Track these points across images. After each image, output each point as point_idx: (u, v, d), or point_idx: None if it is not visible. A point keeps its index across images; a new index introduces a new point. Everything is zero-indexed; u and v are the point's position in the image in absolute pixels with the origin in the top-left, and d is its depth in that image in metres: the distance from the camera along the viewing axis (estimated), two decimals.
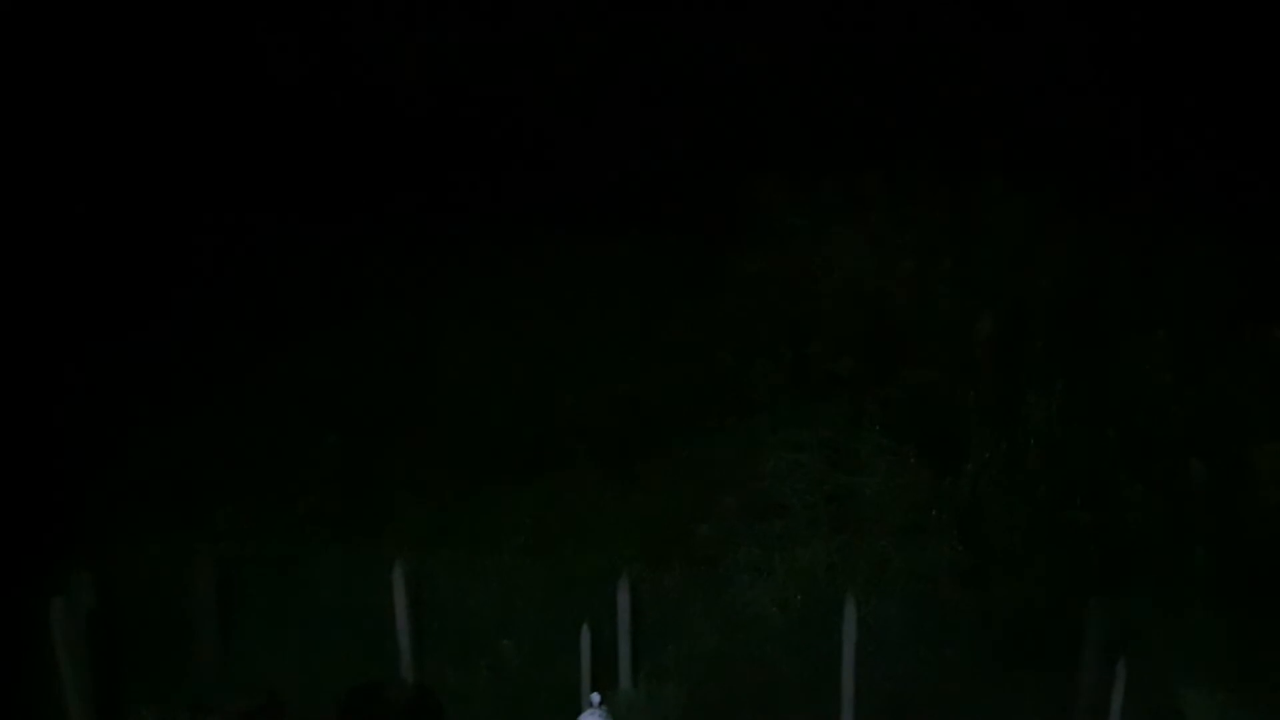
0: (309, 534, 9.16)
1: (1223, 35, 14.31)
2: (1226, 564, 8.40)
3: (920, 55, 15.09)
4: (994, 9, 15.41)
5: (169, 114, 14.06)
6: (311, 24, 15.52)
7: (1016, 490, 9.13)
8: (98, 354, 10.74)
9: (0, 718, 7.87)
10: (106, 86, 13.82)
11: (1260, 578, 8.36)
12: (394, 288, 12.38)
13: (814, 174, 13.49)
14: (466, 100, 14.91)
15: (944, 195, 13.01)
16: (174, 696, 7.83)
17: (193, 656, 8.15)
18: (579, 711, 7.20)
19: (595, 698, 7.25)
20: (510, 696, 8.14)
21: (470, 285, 12.41)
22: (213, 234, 12.53)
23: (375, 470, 9.94)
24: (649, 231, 12.91)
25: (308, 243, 12.58)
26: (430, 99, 14.87)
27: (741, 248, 12.73)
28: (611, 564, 8.50)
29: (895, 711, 7.82)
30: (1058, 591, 8.28)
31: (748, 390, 10.55)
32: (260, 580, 8.67)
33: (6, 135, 12.18)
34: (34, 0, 13.46)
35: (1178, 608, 8.08)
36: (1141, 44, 14.63)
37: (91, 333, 11.00)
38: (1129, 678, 7.33)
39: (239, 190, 13.17)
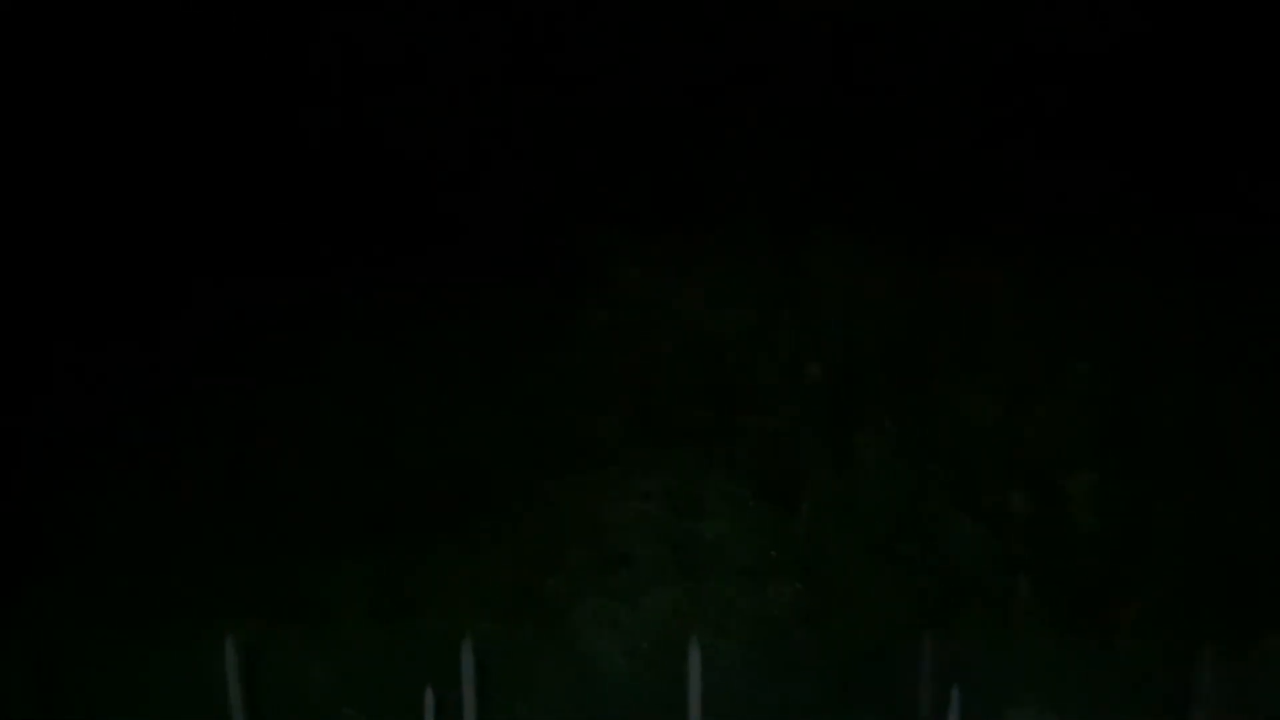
0: (130, 612, 8.75)
1: (1046, 81, 15.29)
2: (1047, 589, 8.83)
3: (752, 111, 15.66)
4: (822, 64, 16.15)
5: None
6: None
7: (851, 528, 9.42)
8: None
9: None
10: None
11: (1079, 601, 8.81)
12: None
13: (654, 226, 13.77)
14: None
15: (778, 246, 13.44)
16: None
17: None
18: None
19: None
20: None
21: (300, 341, 12.17)
22: None
23: (202, 540, 9.60)
24: (490, 285, 12.94)
25: None
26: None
27: (583, 300, 12.85)
28: (457, 624, 8.39)
29: None
30: (893, 624, 8.55)
31: (591, 442, 10.62)
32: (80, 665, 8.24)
33: None
34: None
35: (1005, 634, 8.43)
36: (964, 89, 15.55)
37: None
38: (963, 704, 7.62)
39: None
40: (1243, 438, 10.15)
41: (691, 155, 15.14)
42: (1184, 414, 10.38)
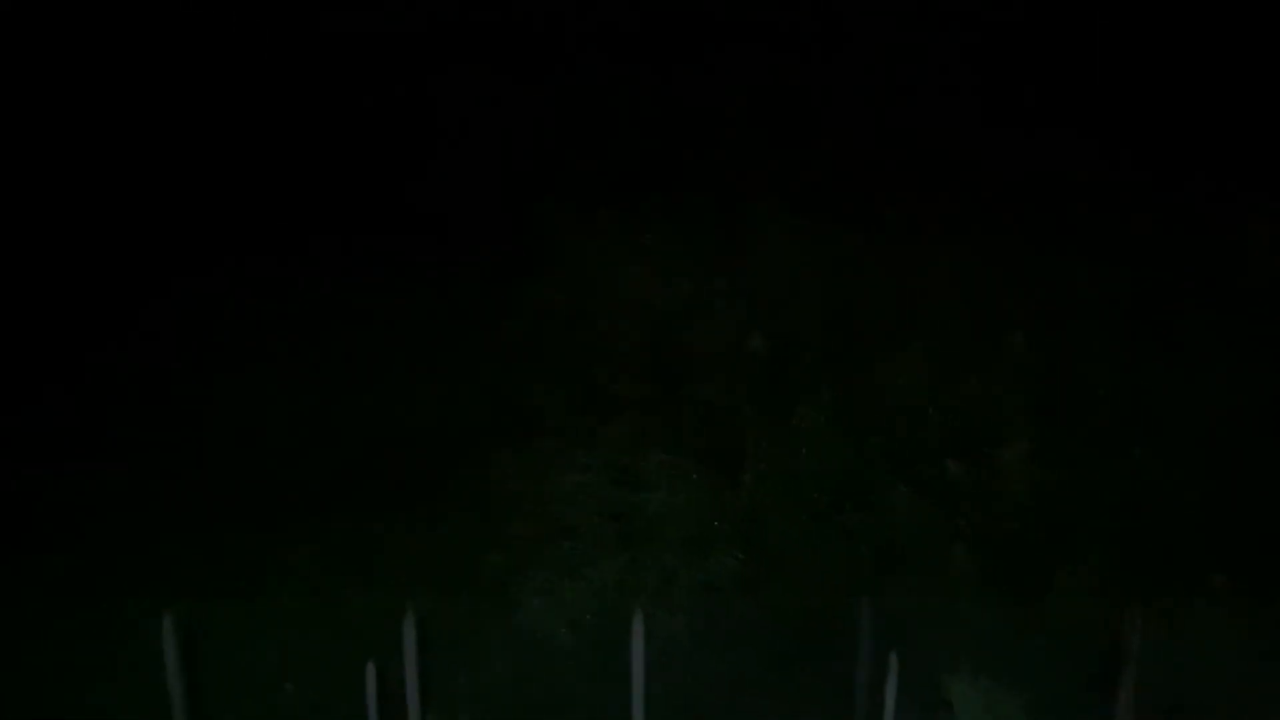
0: (67, 589, 8.59)
1: (980, 53, 15.47)
2: (983, 556, 9.00)
3: (694, 83, 15.66)
4: (761, 39, 16.19)
5: None
6: None
7: (792, 498, 9.50)
8: None
9: None
10: None
11: (1013, 567, 8.99)
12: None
13: (594, 198, 13.73)
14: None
15: (717, 217, 13.46)
16: None
17: None
18: None
19: None
20: None
21: (239, 318, 11.98)
22: None
23: (139, 516, 9.43)
24: (431, 259, 12.83)
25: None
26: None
27: (524, 273, 12.80)
28: (398, 599, 8.33)
29: None
30: (833, 591, 8.66)
31: (532, 415, 10.59)
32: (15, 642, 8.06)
33: None
34: None
35: (942, 600, 8.59)
36: (900, 63, 15.68)
37: None
38: (901, 670, 7.75)
39: None
40: (1170, 406, 10.41)
41: (632, 129, 15.13)
42: (1114, 383, 10.61)
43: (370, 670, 7.49)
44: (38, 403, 10.69)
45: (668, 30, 16.31)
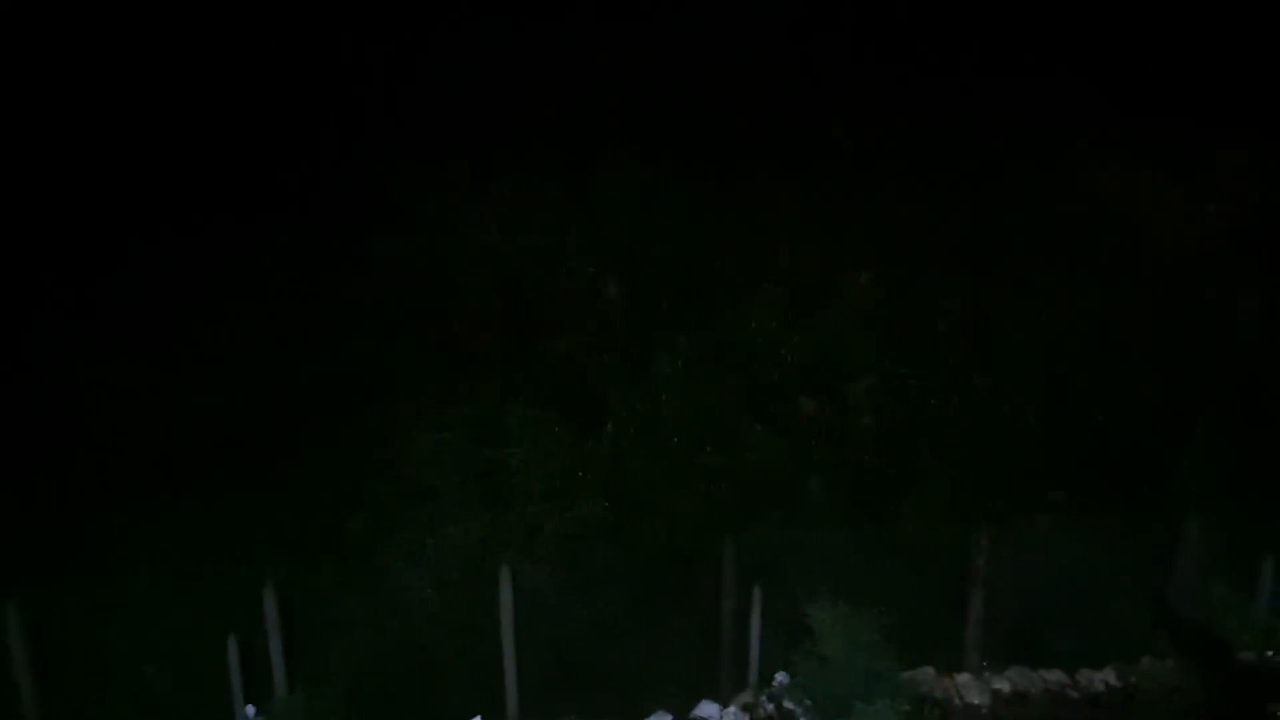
0: None
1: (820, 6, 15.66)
2: (836, 487, 9.30)
3: (542, 32, 15.46)
4: None
5: None
6: None
7: (653, 443, 9.63)
8: None
9: None
10: None
11: (865, 496, 9.32)
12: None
13: (442, 153, 13.49)
14: None
15: (569, 169, 13.40)
16: None
17: None
18: None
19: (250, 710, 7.02)
20: None
21: (73, 284, 11.40)
22: None
23: None
24: (276, 219, 12.42)
25: None
26: None
27: (372, 230, 12.51)
28: (257, 571, 8.14)
29: (557, 671, 8.06)
30: (697, 532, 8.83)
31: (387, 375, 10.42)
32: None
33: None
34: None
35: (800, 532, 8.84)
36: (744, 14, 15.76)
37: None
38: (764, 602, 7.97)
39: None
40: (1005, 335, 10.88)
41: (479, 81, 14.88)
42: (954, 318, 11.03)
43: (232, 645, 7.33)
44: None
45: None
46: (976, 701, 8.18)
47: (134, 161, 13.08)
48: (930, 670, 8.31)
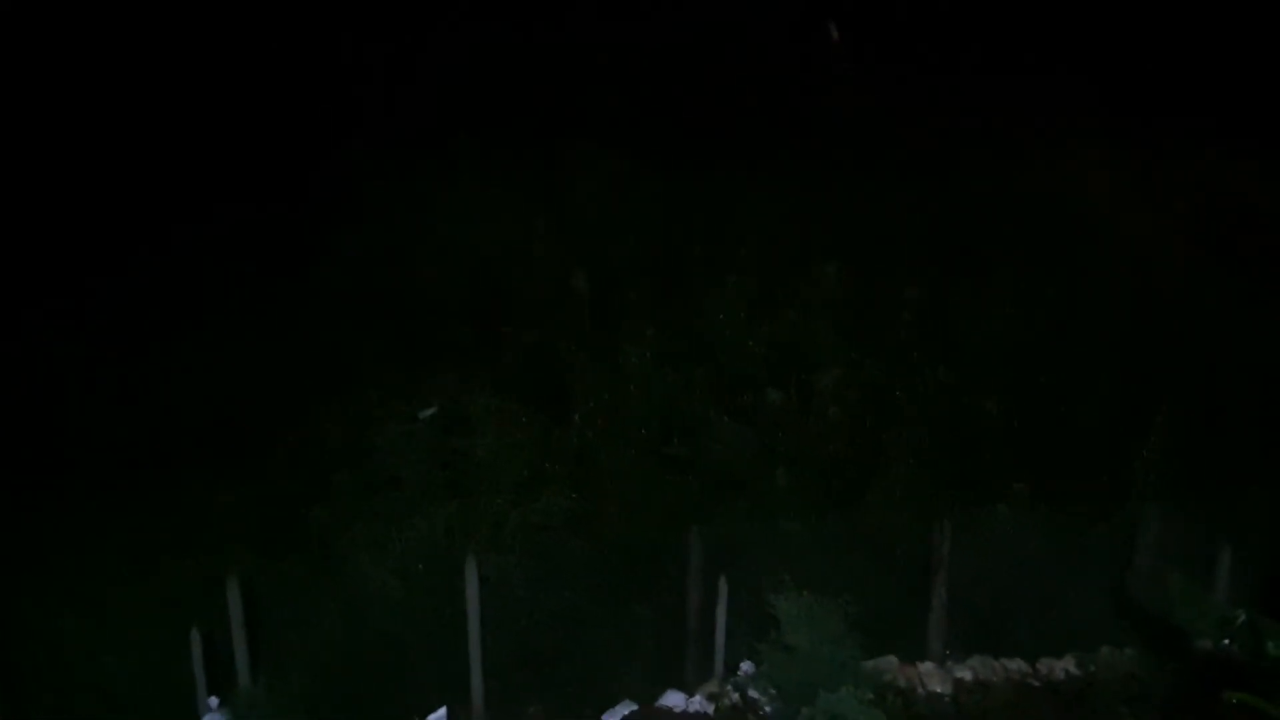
0: None
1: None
2: (801, 478, 9.34)
3: (512, 22, 15.37)
4: None
5: None
6: None
7: (620, 434, 9.63)
8: None
9: None
10: None
11: (829, 486, 9.37)
12: None
13: (408, 143, 13.40)
14: None
15: (535, 158, 13.35)
16: None
17: None
18: None
19: (213, 701, 7.00)
20: (121, 717, 7.59)
21: (34, 271, 11.23)
22: None
23: None
24: (241, 210, 12.28)
25: None
26: None
27: (338, 221, 12.42)
28: (219, 562, 8.08)
29: (523, 661, 8.06)
30: (663, 523, 8.84)
31: (352, 366, 10.36)
32: None
33: None
34: None
35: (766, 523, 8.87)
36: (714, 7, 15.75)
37: None
38: (730, 592, 8.02)
39: None
40: (968, 325, 10.97)
41: (446, 70, 14.77)
42: (917, 307, 11.10)
43: (195, 637, 7.28)
44: None
45: None
46: (939, 690, 8.27)
47: (99, 154, 12.88)
48: (894, 659, 8.39)
